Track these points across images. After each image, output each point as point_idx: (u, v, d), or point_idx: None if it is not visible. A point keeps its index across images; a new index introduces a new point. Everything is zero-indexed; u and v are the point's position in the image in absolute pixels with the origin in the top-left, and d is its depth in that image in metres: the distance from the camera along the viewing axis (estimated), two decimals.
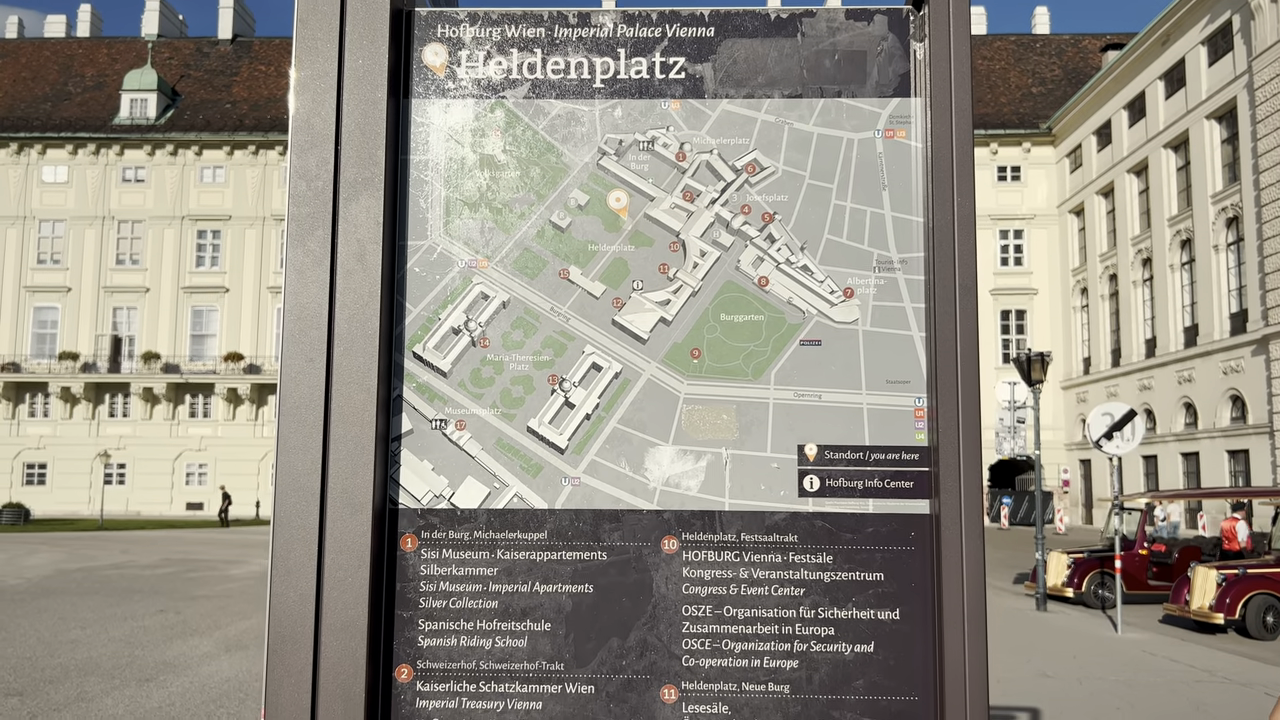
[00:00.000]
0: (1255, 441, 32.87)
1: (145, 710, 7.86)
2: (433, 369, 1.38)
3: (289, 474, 1.30)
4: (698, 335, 1.39)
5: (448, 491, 1.36)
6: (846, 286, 1.39)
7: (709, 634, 1.33)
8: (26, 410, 52.57)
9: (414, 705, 1.32)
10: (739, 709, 1.32)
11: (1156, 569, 17.58)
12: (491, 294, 1.40)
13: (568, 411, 1.38)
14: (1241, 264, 34.42)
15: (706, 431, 1.38)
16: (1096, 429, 13.81)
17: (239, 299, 53.13)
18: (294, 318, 1.33)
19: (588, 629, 1.34)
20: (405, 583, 1.34)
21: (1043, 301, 49.36)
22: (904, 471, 1.36)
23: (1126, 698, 9.05)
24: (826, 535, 1.35)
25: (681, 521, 1.36)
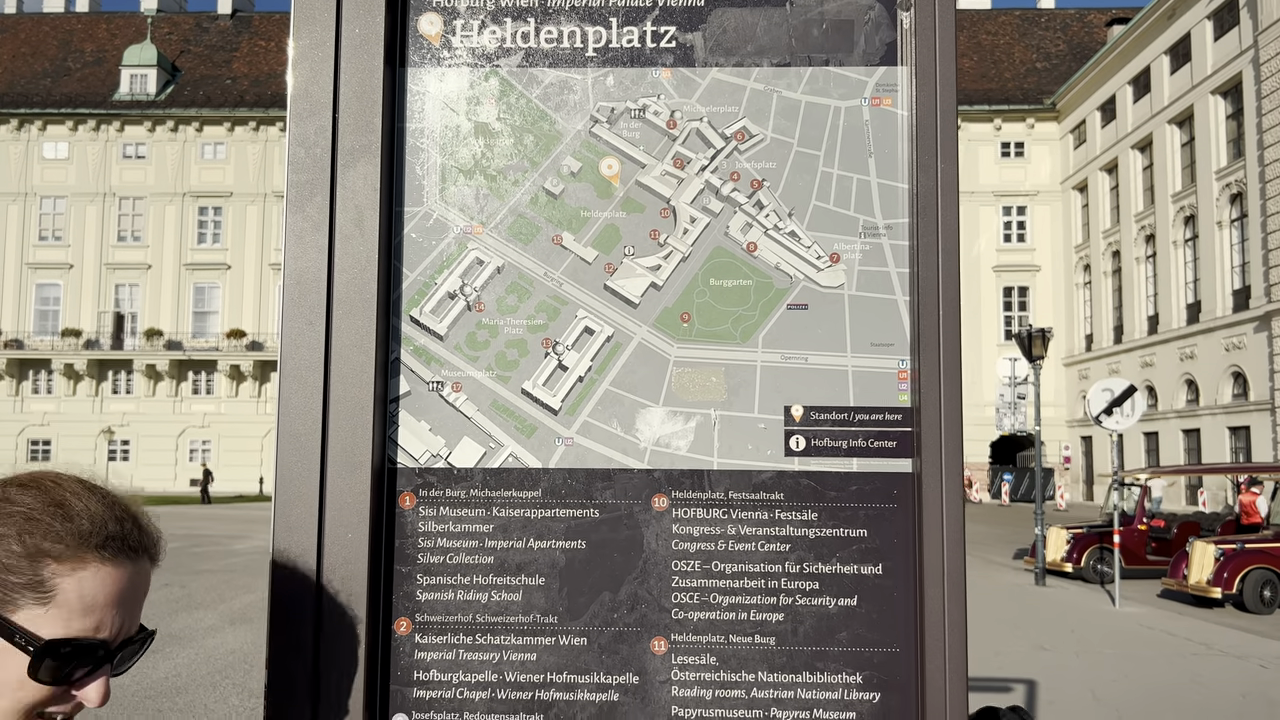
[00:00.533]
0: (1256, 418, 32.94)
1: (153, 680, 7.96)
2: (429, 332, 1.42)
3: (290, 434, 1.35)
4: (688, 300, 1.43)
5: (445, 451, 1.40)
6: (833, 252, 1.43)
7: (698, 588, 1.38)
8: (30, 387, 52.76)
9: (413, 657, 1.37)
10: (726, 660, 1.36)
11: (1155, 544, 17.68)
12: (486, 259, 1.43)
13: (561, 374, 1.42)
14: (1245, 240, 34.36)
15: (696, 393, 1.42)
16: (1096, 405, 13.86)
17: (241, 276, 53.17)
18: (294, 282, 1.37)
19: (580, 583, 1.38)
20: (404, 539, 1.39)
21: (1045, 278, 49.30)
22: (887, 432, 1.39)
23: (1123, 670, 9.15)
24: (812, 493, 1.39)
25: (671, 480, 1.40)
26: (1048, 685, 8.32)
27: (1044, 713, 7.39)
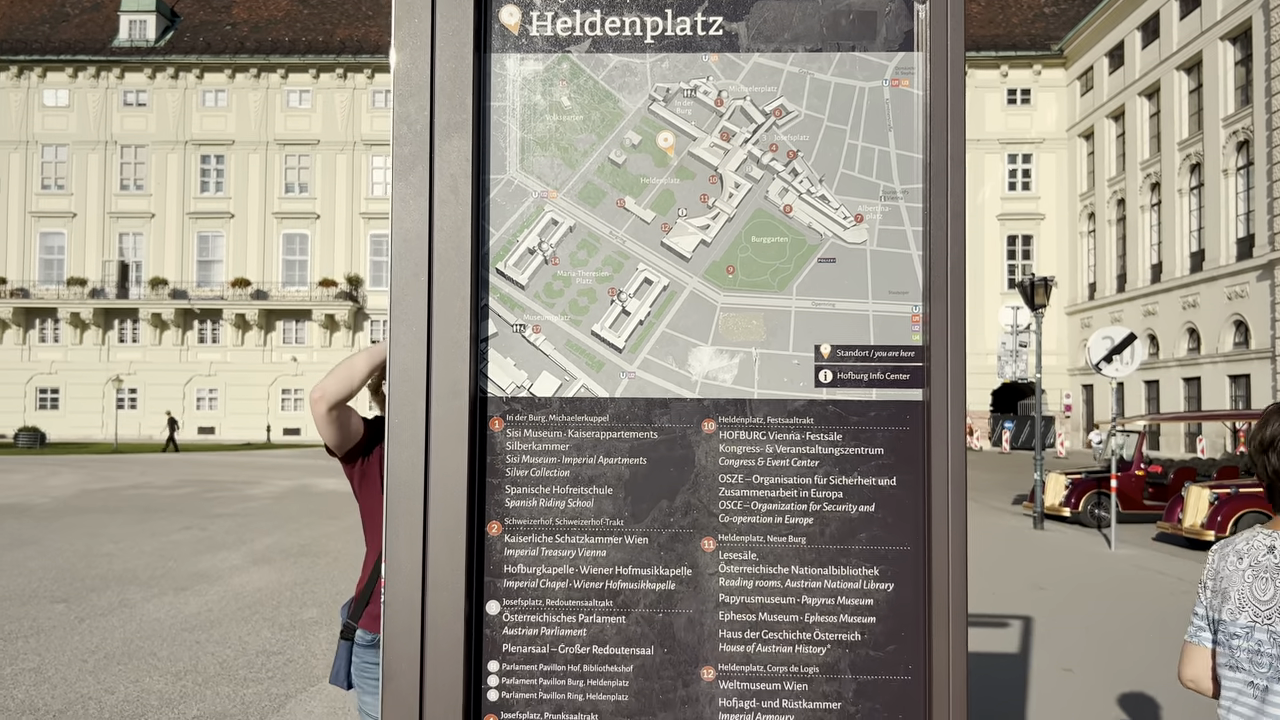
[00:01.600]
0: (1257, 366, 33.19)
1: (185, 615, 8.33)
2: (513, 282, 1.67)
3: (400, 368, 1.60)
4: (732, 254, 1.67)
5: (527, 383, 1.66)
6: (857, 213, 1.67)
7: (740, 497, 1.64)
8: (37, 336, 53.06)
9: (503, 553, 1.64)
10: (764, 555, 1.63)
11: (1152, 489, 18.05)
12: (560, 220, 1.67)
13: (624, 318, 1.67)
14: (1250, 189, 34.31)
15: (739, 334, 1.67)
16: (1096, 352, 14.10)
17: (244, 225, 53.16)
18: (400, 240, 1.61)
19: (642, 493, 1.64)
20: (494, 456, 1.65)
21: (1050, 227, 49.23)
22: (902, 366, 1.65)
23: (1115, 607, 9.51)
24: (837, 418, 1.65)
25: (718, 408, 1.66)
26: (1042, 621, 8.68)
27: (1038, 646, 7.74)
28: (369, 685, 2.84)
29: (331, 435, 2.69)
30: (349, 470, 2.83)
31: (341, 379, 2.58)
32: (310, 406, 2.60)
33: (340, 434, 2.70)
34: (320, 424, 2.64)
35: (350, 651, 2.87)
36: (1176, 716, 5.85)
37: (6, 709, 5.59)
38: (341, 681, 2.89)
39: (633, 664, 1.63)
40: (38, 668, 6.52)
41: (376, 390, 2.86)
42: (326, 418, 2.61)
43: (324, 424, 2.64)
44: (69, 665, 6.59)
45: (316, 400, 2.58)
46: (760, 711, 1.61)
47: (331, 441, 2.72)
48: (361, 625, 2.85)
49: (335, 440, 2.72)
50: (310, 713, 5.61)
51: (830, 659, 1.61)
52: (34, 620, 8.01)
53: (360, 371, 2.60)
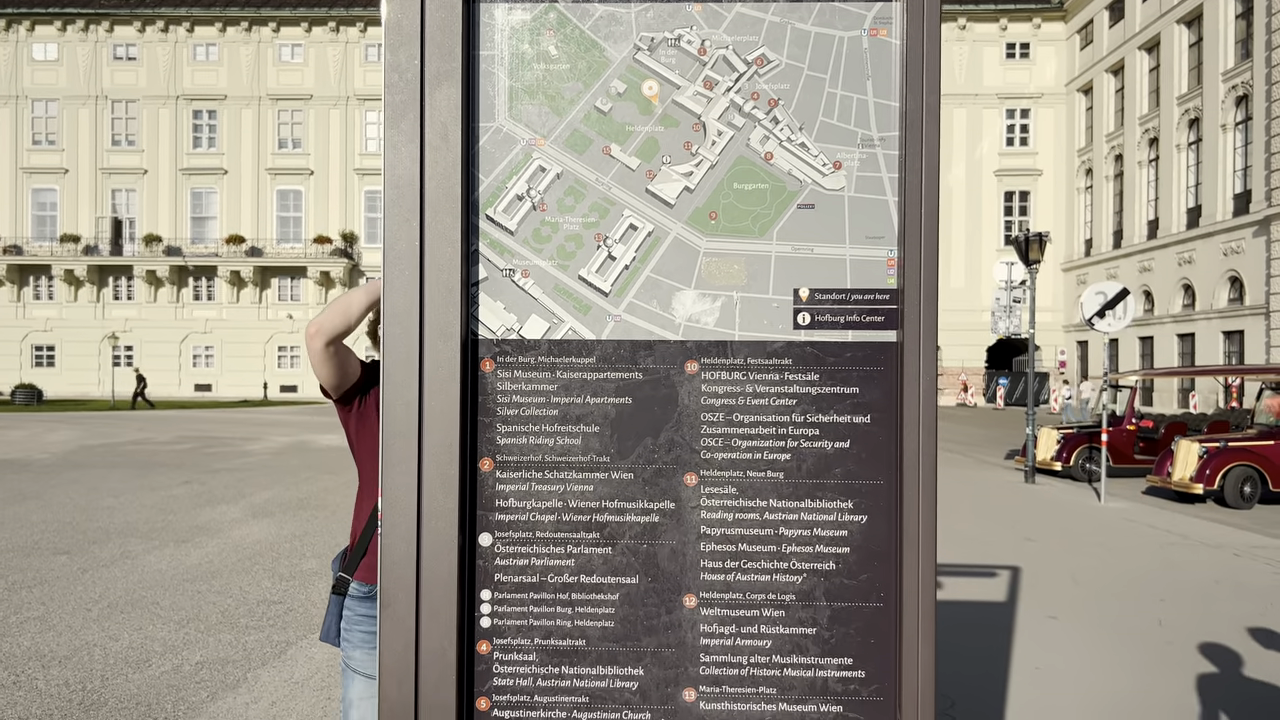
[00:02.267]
0: (1251, 322, 33.30)
1: (187, 566, 8.46)
2: (502, 228, 1.72)
3: (394, 311, 1.66)
4: (715, 201, 1.72)
5: (517, 325, 1.72)
6: (836, 160, 1.72)
7: (721, 434, 1.71)
8: (31, 293, 52.92)
9: (494, 488, 1.71)
10: (744, 489, 1.71)
11: (1143, 444, 18.22)
12: (548, 167, 1.73)
13: (610, 263, 1.73)
14: (1249, 144, 34.19)
15: (721, 279, 1.73)
16: (1089, 307, 14.17)
17: (238, 181, 52.83)
18: (392, 186, 1.67)
19: (627, 431, 1.71)
20: (485, 396, 1.71)
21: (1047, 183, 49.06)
22: (877, 309, 1.71)
23: (1103, 558, 9.66)
24: (814, 359, 1.72)
25: (701, 349, 1.72)
26: (1031, 572, 8.83)
27: (1026, 596, 7.89)
28: (359, 638, 2.74)
29: (328, 374, 2.61)
30: (344, 414, 2.76)
31: (338, 313, 2.51)
32: (306, 343, 2.52)
33: (338, 373, 2.62)
34: (317, 361, 2.56)
35: (342, 606, 2.76)
36: (1155, 662, 6.00)
37: (13, 655, 5.71)
38: (333, 638, 2.79)
39: (618, 592, 1.71)
40: (42, 616, 6.65)
41: (373, 333, 2.79)
42: (324, 354, 2.54)
43: (321, 361, 2.57)
44: (73, 614, 6.72)
45: (313, 335, 2.51)
46: (739, 636, 1.70)
47: (328, 381, 2.64)
48: (357, 577, 2.75)
49: (332, 380, 2.64)
50: (311, 659, 5.75)
51: (806, 587, 1.70)
52: (37, 571, 8.13)
53: (358, 305, 2.54)
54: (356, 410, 2.75)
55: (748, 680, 1.70)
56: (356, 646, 2.73)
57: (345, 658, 2.76)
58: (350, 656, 2.75)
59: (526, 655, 1.71)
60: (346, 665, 2.75)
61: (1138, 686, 5.48)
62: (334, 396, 2.71)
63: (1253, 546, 10.54)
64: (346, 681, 2.76)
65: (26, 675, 5.34)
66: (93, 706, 4.84)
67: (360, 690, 2.73)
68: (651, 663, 1.71)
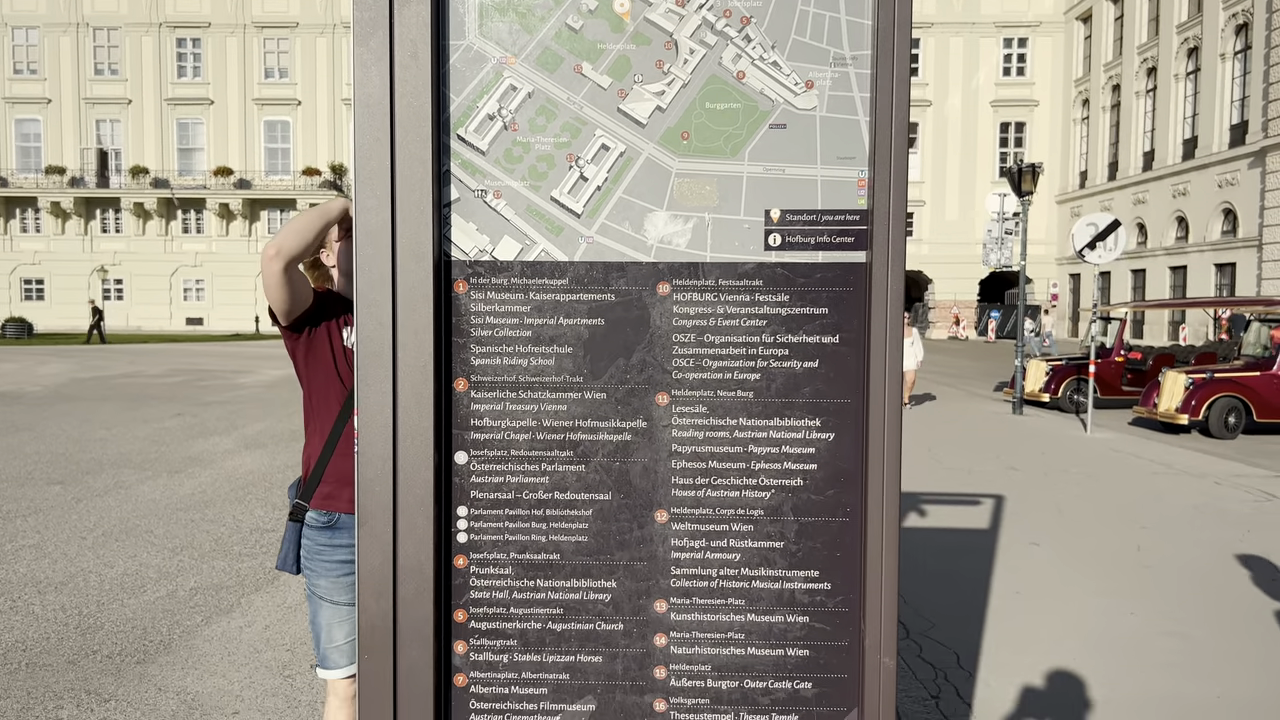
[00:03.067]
0: (1243, 255, 33.30)
1: (180, 495, 8.54)
2: (473, 148, 1.72)
3: (367, 231, 1.67)
4: (687, 120, 1.72)
5: (489, 247, 1.73)
6: (808, 79, 1.71)
7: (693, 355, 1.74)
8: (18, 226, 52.40)
9: (469, 408, 1.74)
10: (714, 408, 1.74)
11: (1131, 375, 18.34)
12: (519, 86, 1.72)
13: (582, 184, 1.73)
14: (1247, 74, 33.79)
15: (693, 200, 1.74)
16: (1080, 239, 14.14)
17: (224, 112, 52.00)
18: (362, 104, 1.66)
19: (600, 351, 1.74)
20: (459, 317, 1.73)
21: (1043, 114, 48.53)
22: (847, 229, 1.72)
23: (1086, 487, 9.80)
24: (785, 280, 1.73)
25: (673, 270, 1.74)
26: (1014, 500, 8.96)
27: (1009, 524, 8.02)
28: (322, 567, 2.74)
29: (284, 299, 2.54)
30: (293, 341, 2.70)
31: (296, 234, 2.44)
32: (263, 265, 2.45)
33: (292, 298, 2.55)
34: (273, 285, 2.49)
35: (299, 534, 2.75)
36: (1133, 586, 6.13)
37: (9, 582, 5.80)
38: (290, 566, 2.77)
39: (592, 508, 1.75)
40: (37, 544, 6.73)
41: (315, 265, 2.75)
42: (281, 278, 2.46)
43: (278, 285, 2.48)
44: (68, 542, 6.80)
45: (272, 258, 2.42)
46: (709, 550, 1.74)
47: (282, 306, 2.57)
48: (314, 506, 2.73)
49: (286, 305, 2.56)
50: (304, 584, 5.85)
51: (774, 502, 1.74)
52: (31, 501, 8.20)
53: (313, 224, 2.47)
54: (306, 338, 2.70)
55: (717, 592, 1.75)
56: (321, 575, 2.75)
57: (310, 585, 2.79)
58: (315, 585, 2.77)
59: (502, 569, 1.76)
60: (313, 593, 2.79)
61: (1115, 609, 5.61)
62: (285, 323, 2.65)
63: (1235, 475, 10.69)
64: (314, 608, 2.80)
65: (23, 601, 5.43)
66: (89, 630, 4.93)
67: (329, 616, 2.77)
68: (624, 576, 1.75)
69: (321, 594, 2.76)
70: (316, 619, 2.79)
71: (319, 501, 2.72)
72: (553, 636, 1.76)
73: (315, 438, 2.75)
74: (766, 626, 1.75)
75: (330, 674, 2.80)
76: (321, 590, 2.76)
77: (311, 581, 2.77)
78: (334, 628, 2.77)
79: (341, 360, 2.72)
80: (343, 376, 2.71)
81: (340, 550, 2.72)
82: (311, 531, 2.74)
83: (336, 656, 2.78)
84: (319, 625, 2.78)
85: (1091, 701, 4.22)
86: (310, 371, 2.72)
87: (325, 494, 2.72)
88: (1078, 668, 4.63)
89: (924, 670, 4.56)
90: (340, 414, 2.71)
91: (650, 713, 1.77)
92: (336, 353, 2.72)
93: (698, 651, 1.76)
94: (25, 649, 4.66)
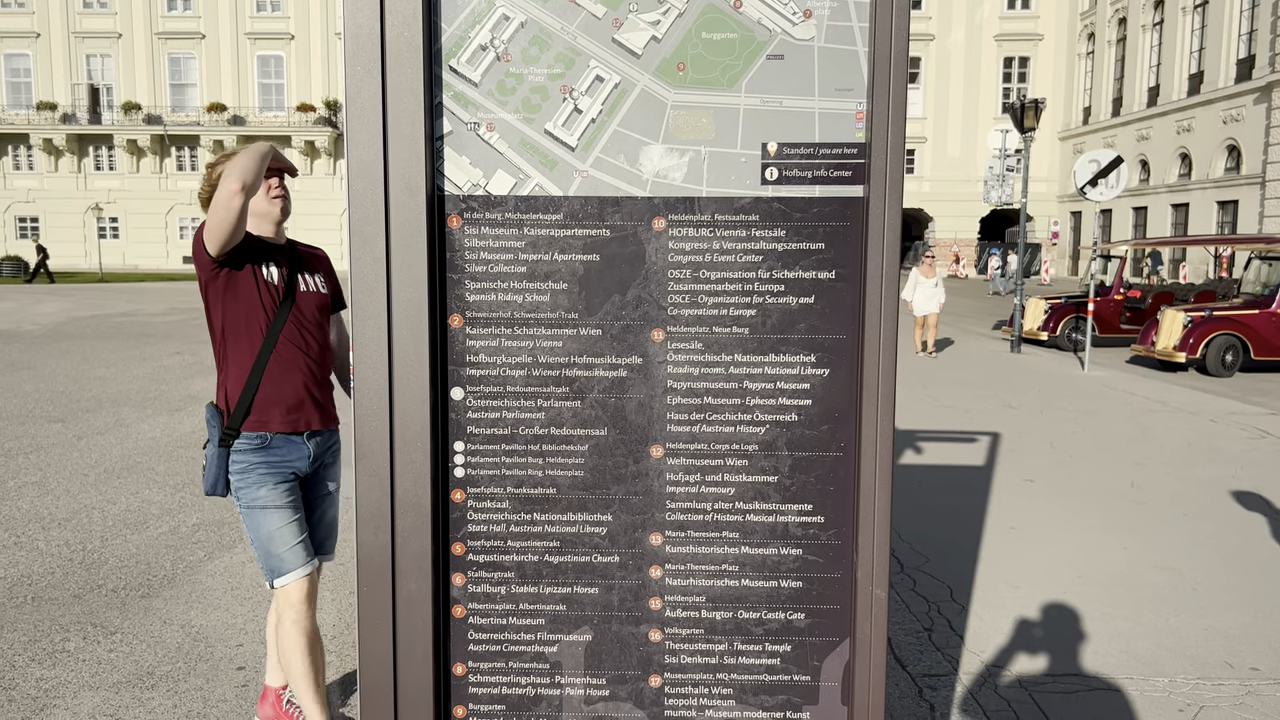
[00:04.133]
0: (1246, 192, 33.05)
1: (180, 434, 8.58)
2: (466, 80, 1.70)
3: (359, 163, 1.65)
4: (683, 51, 1.69)
5: (483, 181, 1.71)
6: (806, 8, 1.68)
7: (688, 291, 1.73)
8: (11, 163, 51.86)
9: (465, 344, 1.74)
10: (710, 345, 1.74)
11: (1130, 314, 18.33)
12: (512, 15, 1.69)
13: (577, 116, 1.71)
14: (1255, 5, 33.21)
15: (689, 133, 1.72)
16: (1082, 175, 14.02)
17: (216, 47, 51.12)
18: (352, 35, 1.63)
19: (595, 287, 1.73)
20: (453, 252, 1.72)
21: (1048, 48, 47.76)
22: (844, 163, 1.70)
23: (1081, 423, 9.86)
24: (781, 215, 1.72)
25: (668, 205, 1.72)
26: (1010, 437, 9.02)
27: (1004, 460, 8.08)
28: (260, 480, 2.85)
29: (234, 233, 2.68)
30: (216, 276, 2.82)
31: (251, 172, 2.60)
32: (226, 202, 2.59)
33: (238, 232, 2.70)
34: (232, 219, 2.62)
35: (226, 458, 2.85)
36: (1126, 521, 6.20)
37: (13, 518, 5.85)
38: (220, 489, 2.88)
39: (588, 443, 1.76)
40: (40, 481, 6.78)
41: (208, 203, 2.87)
42: (241, 212, 2.61)
43: (235, 220, 2.62)
44: (70, 479, 6.85)
45: (236, 193, 2.57)
46: (704, 484, 1.75)
47: (231, 239, 2.70)
48: (245, 429, 2.84)
49: (235, 238, 2.71)
50: None
51: (769, 437, 1.75)
52: (33, 438, 8.25)
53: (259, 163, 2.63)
54: (228, 273, 2.82)
55: (711, 525, 1.76)
56: (260, 487, 2.86)
57: (249, 500, 2.88)
58: (256, 498, 2.87)
59: (499, 503, 1.77)
60: (252, 506, 2.88)
61: (1108, 544, 5.68)
62: (220, 256, 2.76)
63: (1230, 413, 10.75)
64: (257, 522, 2.88)
65: (28, 536, 5.49)
66: (94, 565, 5.00)
67: (276, 521, 2.88)
68: (620, 509, 1.77)
69: (264, 503, 2.86)
70: (262, 531, 2.89)
71: (251, 426, 2.84)
72: (549, 569, 1.78)
73: (236, 368, 2.87)
74: (760, 559, 1.77)
75: (289, 578, 2.90)
76: (264, 500, 2.86)
77: (250, 496, 2.86)
78: (284, 531, 2.89)
79: (265, 293, 2.87)
80: (266, 308, 2.86)
81: (275, 464, 2.87)
82: (242, 454, 2.85)
83: (292, 559, 2.90)
84: (267, 536, 2.88)
85: (1083, 634, 4.29)
86: (229, 304, 2.85)
87: (256, 419, 2.85)
88: (1070, 601, 4.71)
89: (917, 604, 4.63)
90: (264, 344, 2.86)
91: (646, 642, 1.80)
92: (260, 285, 2.86)
93: (692, 583, 1.78)
94: (31, 583, 4.73)
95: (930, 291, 15.67)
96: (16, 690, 3.56)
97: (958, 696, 3.64)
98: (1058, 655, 4.05)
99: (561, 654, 1.80)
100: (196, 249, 2.77)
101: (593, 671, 1.80)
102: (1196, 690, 3.71)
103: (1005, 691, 3.68)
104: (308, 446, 2.96)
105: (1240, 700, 3.63)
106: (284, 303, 2.91)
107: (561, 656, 1.80)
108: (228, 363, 2.89)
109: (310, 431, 2.96)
